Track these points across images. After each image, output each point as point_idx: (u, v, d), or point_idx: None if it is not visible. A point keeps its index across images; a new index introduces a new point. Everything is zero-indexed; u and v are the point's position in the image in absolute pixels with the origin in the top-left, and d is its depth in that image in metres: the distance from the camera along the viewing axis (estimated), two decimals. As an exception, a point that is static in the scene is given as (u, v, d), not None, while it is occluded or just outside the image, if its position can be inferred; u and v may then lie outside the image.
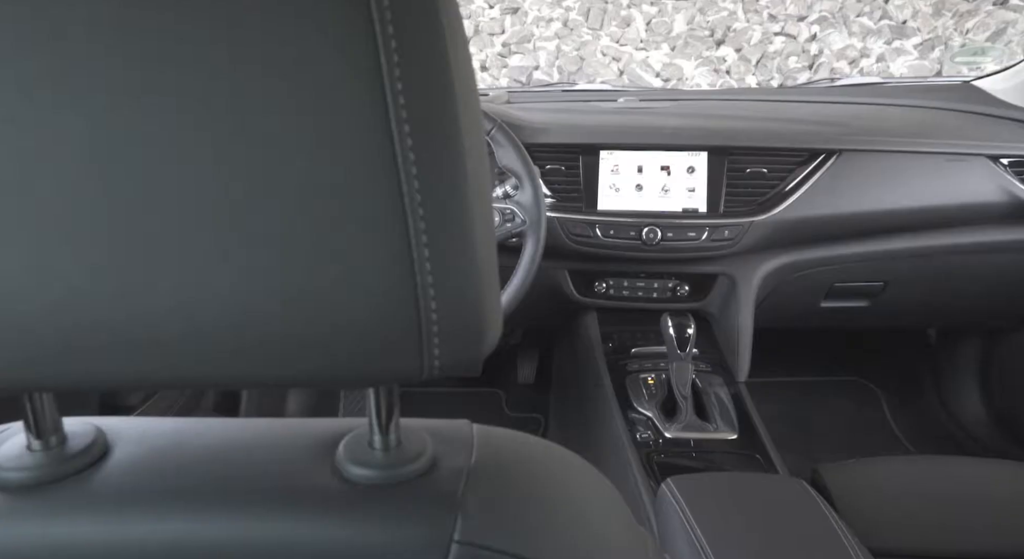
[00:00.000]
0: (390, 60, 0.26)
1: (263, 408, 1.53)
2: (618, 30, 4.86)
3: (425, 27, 0.27)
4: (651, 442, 1.11)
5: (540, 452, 0.42)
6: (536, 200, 1.11)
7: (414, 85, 0.27)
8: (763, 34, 4.77)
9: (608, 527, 0.39)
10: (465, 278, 0.30)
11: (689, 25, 4.85)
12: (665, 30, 4.84)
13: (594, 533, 0.38)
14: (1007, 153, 1.27)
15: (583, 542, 0.36)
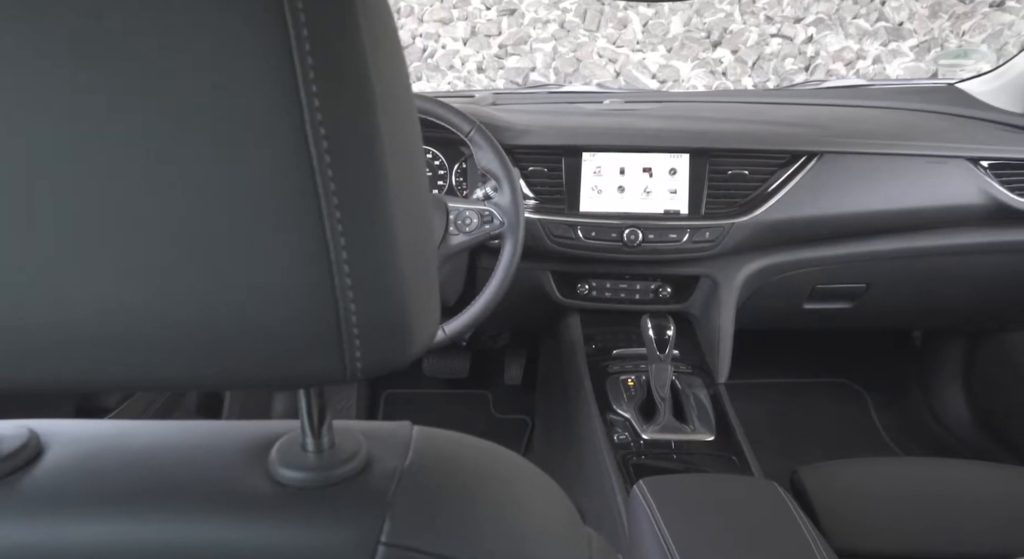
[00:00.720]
0: (304, 62, 0.26)
1: (247, 409, 1.53)
2: (615, 32, 4.87)
3: (341, 29, 0.26)
4: (628, 443, 1.11)
5: (480, 453, 0.42)
6: (514, 202, 1.11)
7: (329, 87, 0.26)
8: (759, 36, 4.77)
9: (546, 527, 0.39)
10: (386, 279, 0.30)
11: (686, 27, 4.86)
12: (662, 32, 4.85)
13: (529, 533, 0.38)
14: (987, 155, 1.27)
15: (515, 542, 0.36)
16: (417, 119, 0.35)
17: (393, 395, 1.88)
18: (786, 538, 0.79)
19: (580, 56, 4.81)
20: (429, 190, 0.39)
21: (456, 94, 1.67)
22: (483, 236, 1.12)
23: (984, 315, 1.53)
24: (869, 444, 1.75)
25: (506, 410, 1.86)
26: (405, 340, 0.32)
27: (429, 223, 0.35)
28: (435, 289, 0.36)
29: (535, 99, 1.67)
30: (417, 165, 0.34)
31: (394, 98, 0.30)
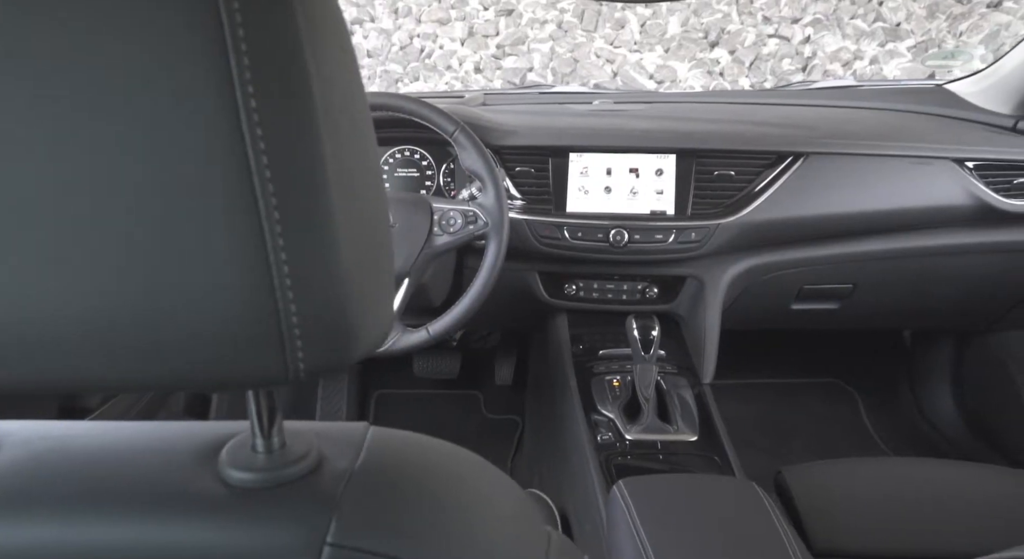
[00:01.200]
0: (240, 62, 0.26)
1: (235, 409, 1.54)
2: (612, 32, 4.87)
3: (278, 28, 0.27)
4: (612, 444, 1.11)
5: (436, 454, 0.42)
6: (499, 202, 1.12)
7: (266, 87, 0.27)
8: (757, 36, 4.77)
9: (500, 528, 0.39)
10: (328, 279, 0.30)
11: (683, 27, 4.86)
12: (659, 32, 4.85)
13: (480, 534, 0.38)
14: (972, 156, 1.27)
15: (465, 543, 0.36)
16: (370, 119, 0.35)
17: (384, 396, 1.89)
18: (762, 538, 0.80)
19: (577, 56, 4.81)
20: (383, 190, 0.38)
21: (446, 94, 1.67)
22: (467, 236, 1.12)
23: (971, 315, 1.53)
24: (859, 444, 1.75)
25: (497, 410, 1.86)
26: (349, 340, 0.32)
27: (381, 224, 0.35)
28: (387, 290, 0.36)
29: (526, 99, 1.67)
30: (369, 166, 0.34)
31: (339, 98, 0.30)
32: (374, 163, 0.35)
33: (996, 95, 1.40)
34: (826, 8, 4.82)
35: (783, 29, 4.78)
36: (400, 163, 1.36)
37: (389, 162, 1.36)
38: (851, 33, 4.72)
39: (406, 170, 1.37)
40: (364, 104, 0.34)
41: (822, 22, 4.77)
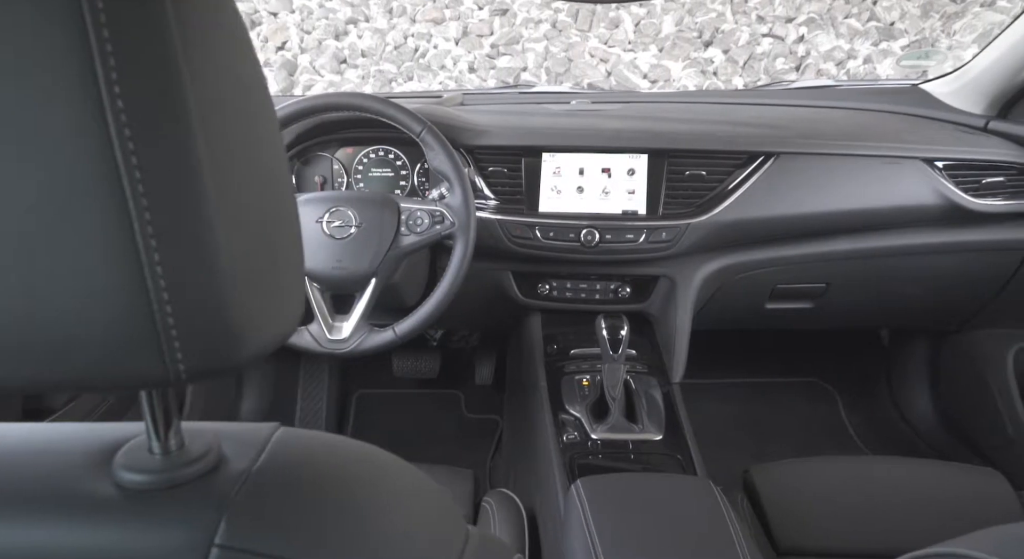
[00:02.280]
0: (106, 62, 0.26)
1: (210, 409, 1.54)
2: (606, 31, 4.87)
3: (146, 29, 0.27)
4: (578, 443, 1.12)
5: (345, 455, 0.42)
6: (465, 203, 1.12)
7: (134, 88, 0.27)
8: (751, 35, 4.77)
9: (405, 529, 0.39)
10: (205, 281, 0.30)
11: (677, 26, 4.86)
12: (653, 31, 4.85)
13: (378, 535, 0.37)
14: (941, 156, 1.27)
15: (361, 544, 0.36)
16: (270, 115, 0.35)
17: (364, 396, 1.89)
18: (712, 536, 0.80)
19: (571, 56, 4.81)
20: (286, 189, 0.37)
21: (424, 94, 1.67)
22: (434, 236, 1.13)
23: (943, 314, 1.54)
24: (838, 443, 1.75)
25: (477, 410, 1.87)
26: (233, 343, 0.32)
27: (280, 223, 0.35)
28: (287, 291, 0.36)
29: (505, 99, 1.67)
30: (265, 164, 0.34)
31: (224, 94, 0.30)
32: (273, 161, 0.35)
33: (968, 95, 1.40)
34: (820, 7, 4.82)
35: (777, 28, 4.78)
36: (375, 163, 1.37)
37: (364, 162, 1.36)
38: (845, 32, 4.72)
39: (380, 170, 1.37)
40: (262, 100, 0.34)
41: (816, 21, 4.77)
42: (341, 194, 1.15)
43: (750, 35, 4.77)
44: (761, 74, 4.63)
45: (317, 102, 1.12)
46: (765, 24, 4.81)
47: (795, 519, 1.02)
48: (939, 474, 1.09)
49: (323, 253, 1.09)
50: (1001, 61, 1.30)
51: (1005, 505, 1.00)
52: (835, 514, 1.02)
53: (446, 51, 4.79)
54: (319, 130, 1.30)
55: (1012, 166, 1.28)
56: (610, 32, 4.86)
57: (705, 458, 1.52)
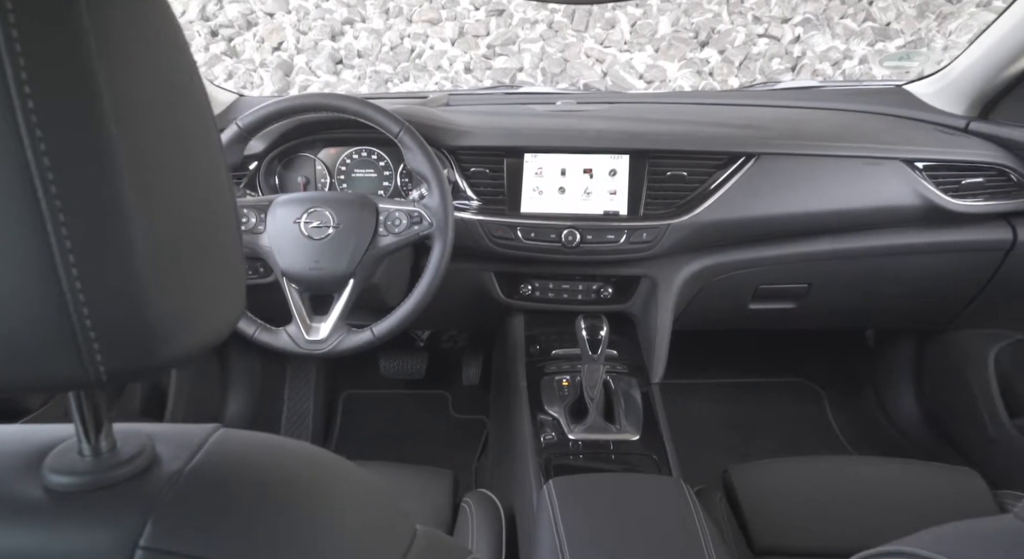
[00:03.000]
0: (15, 63, 0.26)
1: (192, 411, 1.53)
2: (602, 32, 4.87)
3: (57, 28, 0.27)
4: (555, 444, 1.12)
5: (284, 457, 0.41)
6: (443, 203, 1.12)
7: (45, 88, 0.27)
8: (747, 36, 4.77)
9: (341, 530, 0.39)
10: (123, 282, 0.30)
11: (674, 27, 4.86)
12: (650, 32, 4.85)
13: (311, 536, 0.37)
14: (921, 157, 1.28)
15: (294, 544, 0.36)
16: (203, 113, 0.35)
17: (352, 396, 1.90)
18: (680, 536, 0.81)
19: (568, 56, 4.81)
20: (220, 186, 0.37)
21: (409, 95, 1.68)
22: (412, 237, 1.13)
23: (926, 315, 1.54)
24: (824, 443, 1.76)
25: (465, 410, 1.87)
26: (156, 344, 0.32)
27: (212, 223, 0.35)
28: (219, 291, 0.36)
29: (490, 100, 1.68)
30: (195, 162, 0.34)
31: (149, 93, 0.30)
32: (206, 159, 0.35)
33: (950, 96, 1.40)
34: (816, 8, 4.82)
35: (773, 29, 4.78)
36: (357, 164, 1.37)
37: (347, 163, 1.37)
38: (841, 33, 4.72)
39: (364, 171, 1.38)
40: (194, 99, 0.34)
41: (812, 22, 4.77)
42: (319, 195, 1.15)
43: (746, 35, 4.77)
44: (757, 74, 4.63)
45: (295, 103, 1.12)
46: (761, 24, 4.81)
47: (772, 519, 1.02)
48: (916, 474, 1.10)
49: (301, 254, 1.09)
50: (981, 62, 1.30)
51: (980, 505, 1.01)
52: (812, 514, 1.02)
53: (442, 52, 4.80)
54: (301, 131, 1.30)
55: (992, 167, 1.28)
56: (606, 32, 4.87)
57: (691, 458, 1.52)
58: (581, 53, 4.83)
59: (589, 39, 4.89)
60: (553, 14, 4.97)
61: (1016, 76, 1.27)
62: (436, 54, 4.79)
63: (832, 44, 4.70)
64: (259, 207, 1.12)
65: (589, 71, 4.76)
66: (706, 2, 4.97)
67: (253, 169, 1.31)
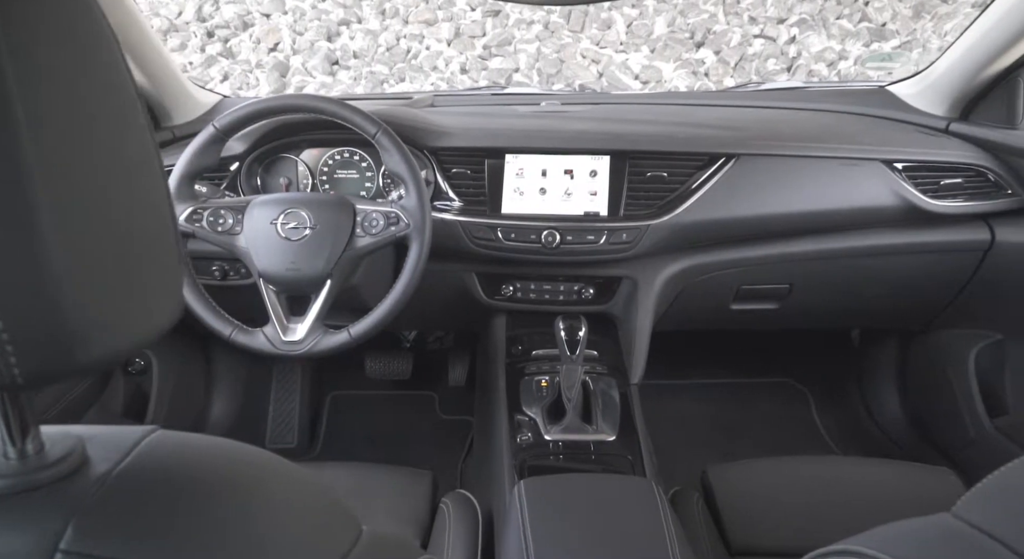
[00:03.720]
0: None
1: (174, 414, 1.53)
2: (598, 32, 4.88)
3: None
4: (531, 444, 1.12)
5: (221, 459, 0.41)
6: (420, 204, 1.12)
7: None
8: (743, 36, 4.77)
9: (279, 530, 0.39)
10: (37, 286, 0.30)
11: (670, 27, 4.86)
12: (645, 32, 4.85)
13: (241, 538, 0.37)
14: (900, 158, 1.28)
15: (224, 546, 0.36)
16: (132, 115, 0.35)
17: (338, 397, 1.90)
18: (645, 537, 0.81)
19: (563, 57, 4.82)
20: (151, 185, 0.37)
21: (394, 96, 1.68)
22: (389, 238, 1.13)
23: (907, 315, 1.54)
24: (810, 443, 1.76)
25: (451, 411, 1.87)
26: (75, 347, 0.32)
27: (143, 223, 0.35)
28: (149, 293, 0.36)
29: (476, 100, 1.68)
30: (125, 164, 0.34)
31: (66, 93, 0.30)
32: (134, 160, 0.34)
33: (931, 97, 1.41)
34: (812, 8, 4.82)
35: (769, 29, 4.78)
36: (339, 165, 1.37)
37: (329, 164, 1.37)
38: (836, 33, 4.73)
39: (346, 172, 1.38)
40: (121, 100, 0.34)
41: (808, 22, 4.77)
42: (295, 196, 1.15)
43: (742, 36, 4.77)
44: (752, 75, 4.63)
45: (271, 104, 1.13)
46: (757, 25, 4.81)
47: (748, 519, 1.02)
48: (894, 474, 1.10)
49: (277, 255, 1.10)
50: (960, 63, 1.31)
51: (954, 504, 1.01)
52: (788, 513, 1.02)
53: (438, 52, 4.80)
54: (282, 132, 1.30)
55: (970, 168, 1.29)
56: (602, 33, 4.87)
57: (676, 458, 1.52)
58: (577, 54, 4.83)
59: (585, 40, 4.89)
60: (549, 15, 4.97)
61: (994, 77, 1.27)
62: (432, 55, 4.79)
63: (828, 45, 4.70)
64: (236, 208, 1.12)
65: (585, 72, 4.76)
66: (702, 3, 4.98)
67: (234, 170, 1.31)
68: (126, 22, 1.19)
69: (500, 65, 4.78)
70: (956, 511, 0.47)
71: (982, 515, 0.45)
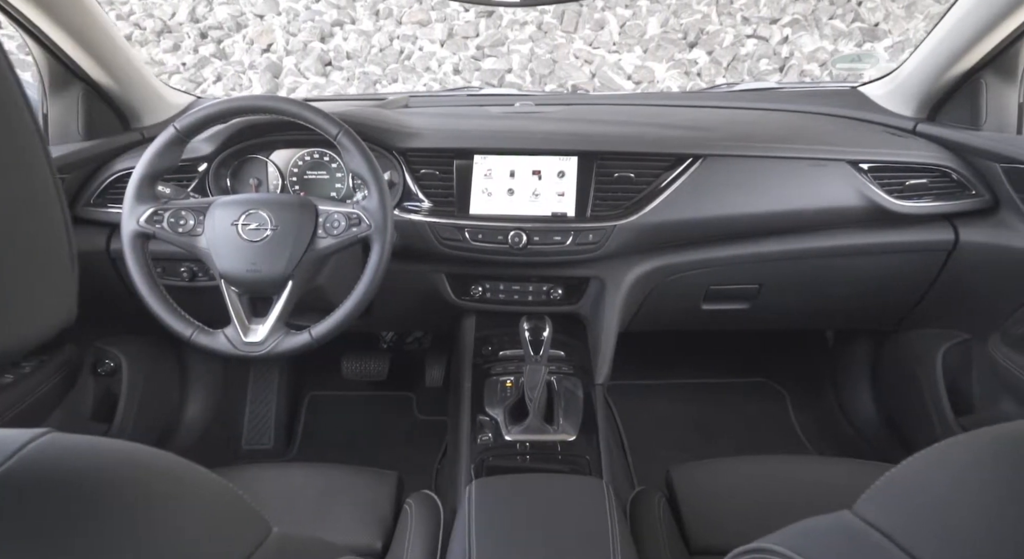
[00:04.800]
0: None
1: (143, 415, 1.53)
2: (591, 33, 4.88)
3: None
4: (491, 444, 1.13)
5: (111, 460, 0.41)
6: (382, 205, 1.13)
7: None
8: (735, 37, 4.78)
9: (169, 533, 0.39)
10: None
11: (663, 28, 4.87)
12: (639, 33, 4.86)
13: (130, 539, 0.37)
14: (866, 158, 1.28)
15: (98, 550, 0.36)
16: (16, 113, 0.35)
17: (316, 397, 1.91)
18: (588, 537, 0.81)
19: (556, 58, 4.82)
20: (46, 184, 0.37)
21: (368, 97, 1.69)
22: (351, 239, 1.13)
23: (877, 315, 1.54)
24: (785, 443, 1.76)
25: (429, 412, 1.88)
26: None
27: (23, 223, 0.35)
28: (33, 292, 0.36)
29: (452, 101, 1.69)
30: (5, 162, 0.34)
31: None
32: (14, 157, 0.35)
33: (900, 98, 1.41)
34: (805, 8, 4.82)
35: (761, 29, 4.79)
36: (310, 166, 1.38)
37: (299, 165, 1.38)
38: (829, 33, 4.72)
39: (316, 173, 1.38)
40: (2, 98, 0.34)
41: (800, 22, 4.77)
42: (257, 197, 1.16)
43: (734, 36, 4.78)
44: (744, 75, 4.63)
45: (232, 105, 1.13)
46: (750, 25, 4.81)
47: (709, 518, 1.03)
48: (858, 473, 1.10)
49: (238, 256, 1.10)
50: (925, 64, 1.31)
51: None
52: (749, 513, 1.03)
53: (431, 53, 4.81)
54: (250, 133, 1.31)
55: (936, 168, 1.29)
56: (595, 34, 4.87)
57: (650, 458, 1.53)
58: (570, 54, 4.83)
59: (578, 40, 4.90)
60: (543, 15, 4.98)
61: (958, 78, 1.27)
62: (425, 56, 4.80)
63: (820, 45, 4.70)
64: (198, 210, 1.13)
65: (578, 72, 4.76)
66: (695, 3, 4.98)
67: (202, 171, 1.32)
68: (87, 23, 1.20)
69: (493, 66, 4.78)
70: (855, 508, 0.48)
71: (876, 512, 0.46)
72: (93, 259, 1.30)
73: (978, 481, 0.42)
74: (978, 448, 0.44)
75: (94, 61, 1.25)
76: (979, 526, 0.39)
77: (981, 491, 0.41)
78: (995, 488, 0.41)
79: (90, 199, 1.32)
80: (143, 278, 1.10)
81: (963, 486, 0.42)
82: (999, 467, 0.42)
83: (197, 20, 4.90)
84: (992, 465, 0.42)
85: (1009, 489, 0.40)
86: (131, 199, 1.11)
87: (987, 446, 0.44)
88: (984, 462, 0.43)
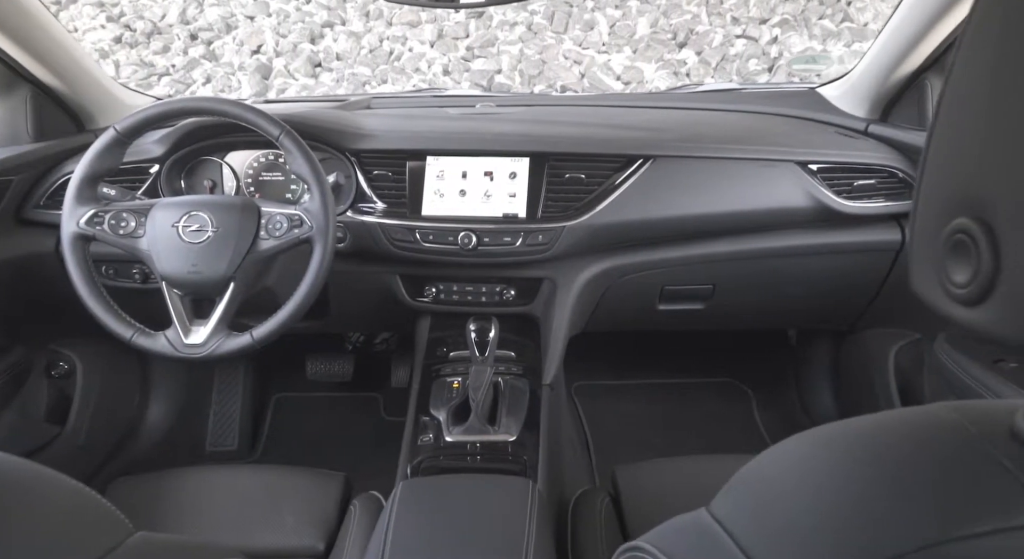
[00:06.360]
0: None
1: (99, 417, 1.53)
2: (581, 33, 4.88)
3: None
4: (431, 445, 1.13)
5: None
6: (324, 206, 1.13)
7: None
8: (725, 37, 4.78)
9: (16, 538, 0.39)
10: None
11: (652, 28, 4.87)
12: (628, 33, 4.86)
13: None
14: (815, 159, 1.28)
15: None
16: None
17: (283, 399, 1.91)
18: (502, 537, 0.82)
19: (546, 58, 4.83)
20: None
21: (329, 98, 1.69)
22: (293, 240, 1.13)
23: (831, 315, 1.54)
24: (749, 442, 1.76)
25: (395, 412, 1.88)
26: None
27: None
28: None
29: (415, 103, 1.69)
30: None
31: None
32: None
33: (853, 99, 1.41)
34: (794, 9, 4.82)
35: (751, 30, 4.79)
36: (264, 167, 1.38)
37: (254, 166, 1.38)
38: (818, 34, 4.72)
39: (271, 174, 1.39)
40: None
41: (790, 22, 4.77)
42: (198, 198, 1.16)
43: (724, 37, 4.78)
44: (733, 75, 4.63)
45: (173, 107, 1.13)
46: (739, 26, 4.81)
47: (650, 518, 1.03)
48: None
49: (178, 258, 1.10)
50: (873, 65, 1.31)
51: None
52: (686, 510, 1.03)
53: (421, 54, 4.82)
54: (202, 134, 1.31)
55: (883, 169, 1.29)
56: (585, 34, 4.88)
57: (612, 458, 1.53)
58: (559, 55, 4.84)
59: (568, 41, 4.90)
60: (533, 16, 4.99)
61: (905, 79, 1.28)
62: (415, 56, 4.81)
63: (809, 45, 4.70)
64: (139, 211, 1.13)
65: (567, 73, 4.77)
66: (685, 3, 4.98)
67: (154, 173, 1.32)
68: (27, 24, 1.20)
69: (482, 66, 4.79)
70: (710, 505, 0.48)
71: (724, 509, 0.46)
72: (42, 261, 1.31)
73: (814, 475, 0.42)
74: (821, 441, 0.45)
75: (37, 62, 1.25)
76: (811, 522, 0.40)
77: (817, 486, 0.41)
78: (830, 482, 0.41)
79: (40, 201, 1.32)
80: (83, 280, 1.11)
81: (802, 481, 0.43)
82: (833, 460, 0.42)
83: (187, 22, 4.91)
84: (826, 458, 0.43)
85: (845, 482, 0.40)
86: (71, 201, 1.11)
87: (830, 440, 0.45)
88: (820, 456, 0.43)
